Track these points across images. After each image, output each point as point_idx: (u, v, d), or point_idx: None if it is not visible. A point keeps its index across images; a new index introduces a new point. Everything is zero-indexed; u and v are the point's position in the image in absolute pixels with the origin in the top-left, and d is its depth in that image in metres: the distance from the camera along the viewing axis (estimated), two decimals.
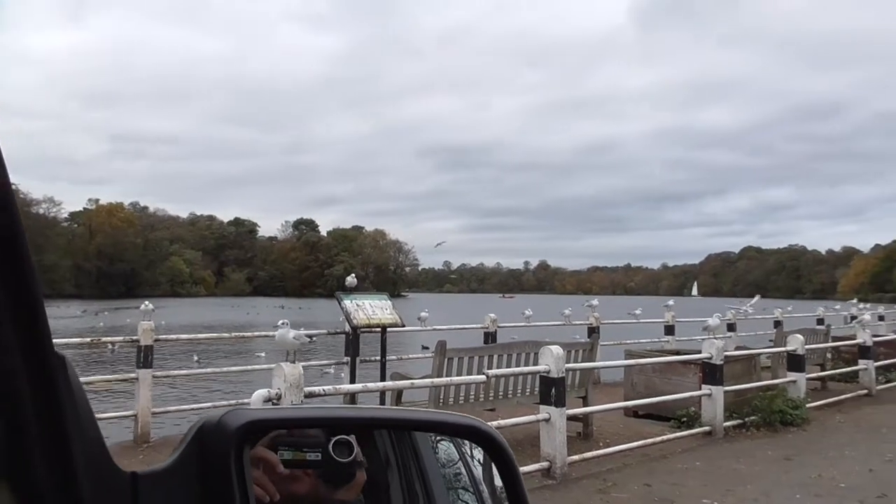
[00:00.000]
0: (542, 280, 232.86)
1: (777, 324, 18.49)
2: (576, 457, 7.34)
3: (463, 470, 1.16)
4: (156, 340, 9.02)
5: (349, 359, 10.11)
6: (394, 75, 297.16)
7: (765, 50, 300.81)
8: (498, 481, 1.05)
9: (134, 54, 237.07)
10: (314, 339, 10.09)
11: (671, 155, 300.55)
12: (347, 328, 10.13)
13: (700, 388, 9.27)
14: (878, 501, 6.42)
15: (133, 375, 8.90)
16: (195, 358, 19.19)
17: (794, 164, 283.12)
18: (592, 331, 13.99)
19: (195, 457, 0.87)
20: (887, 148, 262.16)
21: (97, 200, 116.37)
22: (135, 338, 8.89)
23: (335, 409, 1.07)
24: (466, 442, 1.14)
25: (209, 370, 11.12)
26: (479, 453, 1.10)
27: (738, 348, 12.66)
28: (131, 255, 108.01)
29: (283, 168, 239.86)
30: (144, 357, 8.69)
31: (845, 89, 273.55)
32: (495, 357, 8.24)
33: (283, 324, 8.72)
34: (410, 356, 12.49)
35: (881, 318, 24.81)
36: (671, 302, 17.50)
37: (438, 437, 1.18)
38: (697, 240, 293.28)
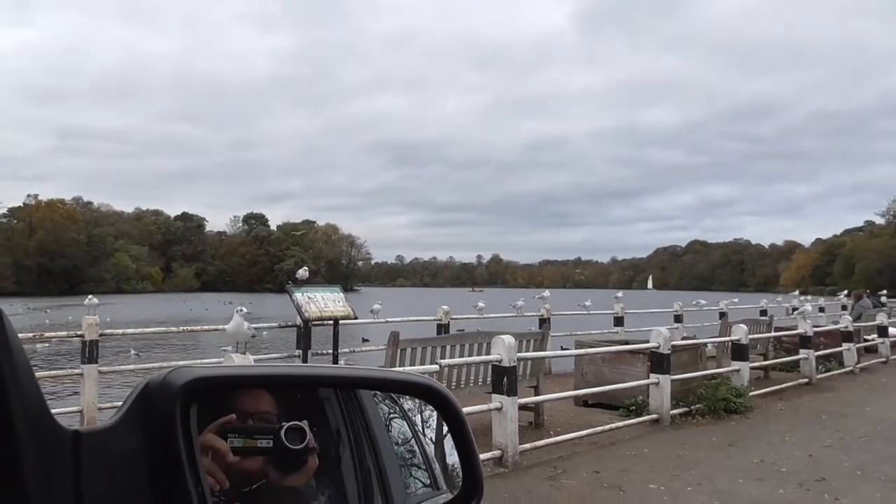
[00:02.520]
0: (495, 274, 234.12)
1: (722, 315, 18.98)
2: (527, 445, 7.43)
3: (412, 433, 1.17)
4: (101, 335, 8.79)
5: (301, 352, 10.03)
6: (342, 75, 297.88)
7: (699, 54, 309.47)
8: (449, 442, 1.07)
9: (82, 52, 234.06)
10: (260, 333, 9.99)
11: (614, 153, 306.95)
12: (299, 321, 10.04)
13: (648, 378, 9.47)
14: (817, 485, 6.66)
15: (78, 371, 8.67)
16: (132, 352, 18.74)
17: (732, 163, 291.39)
18: (543, 322, 14.16)
19: (139, 415, 0.85)
20: (818, 148, 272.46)
21: (36, 196, 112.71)
22: (79, 332, 8.65)
23: (283, 368, 1.07)
24: (415, 404, 1.15)
25: (158, 364, 10.88)
26: (429, 414, 1.12)
27: (684, 338, 12.96)
28: (74, 251, 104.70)
29: (232, 164, 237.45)
30: (89, 352, 8.46)
31: (777, 92, 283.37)
32: (448, 347, 8.28)
33: (240, 311, 8.60)
34: (363, 348, 12.45)
35: (821, 309, 25.67)
36: (620, 294, 17.81)
37: (387, 400, 1.19)
38: (644, 234, 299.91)
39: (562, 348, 10.26)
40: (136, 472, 0.83)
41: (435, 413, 1.13)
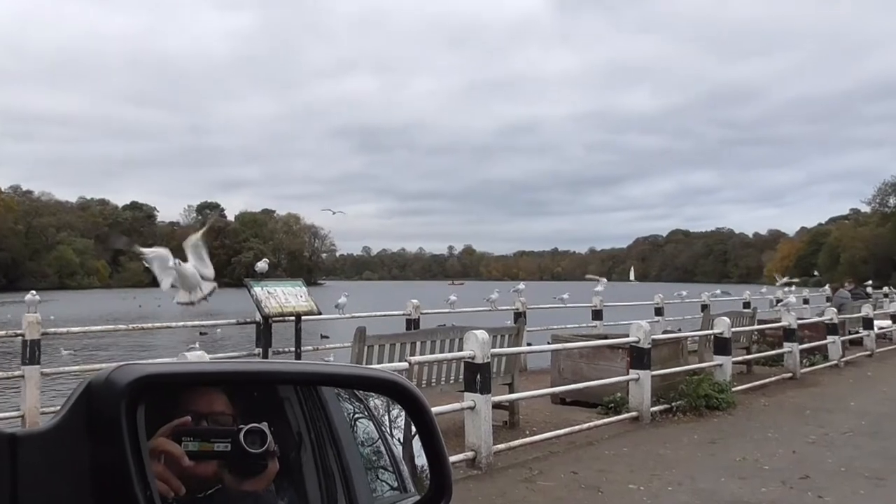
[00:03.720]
0: (468, 266, 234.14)
1: (704, 307, 19.25)
2: (502, 446, 7.48)
3: (378, 433, 1.17)
4: (43, 334, 8.63)
5: (260, 350, 9.97)
6: (305, 55, 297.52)
7: (679, 36, 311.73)
8: (417, 442, 1.07)
9: (28, 31, 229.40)
10: (214, 330, 9.87)
11: (593, 138, 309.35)
12: (258, 317, 9.99)
13: (627, 374, 9.58)
14: (800, 482, 6.81)
15: (18, 373, 8.50)
16: (63, 352, 18.36)
17: (713, 149, 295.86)
18: (519, 316, 14.24)
19: (81, 417, 0.84)
20: (800, 134, 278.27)
21: None
22: (20, 332, 8.48)
23: (239, 364, 1.06)
24: (382, 402, 1.15)
25: (105, 365, 10.72)
26: (396, 413, 1.12)
27: (665, 332, 13.12)
28: (11, 243, 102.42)
29: (187, 150, 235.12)
30: (31, 352, 8.31)
31: (757, 76, 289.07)
32: (418, 344, 8.29)
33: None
34: (328, 346, 12.43)
35: (806, 301, 26.15)
36: (600, 287, 17.92)
37: (352, 399, 1.19)
38: (623, 224, 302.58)
39: (527, 343, 10.33)
40: (77, 477, 0.82)
41: (403, 412, 1.13)
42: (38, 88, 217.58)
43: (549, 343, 11.46)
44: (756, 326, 14.76)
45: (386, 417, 1.18)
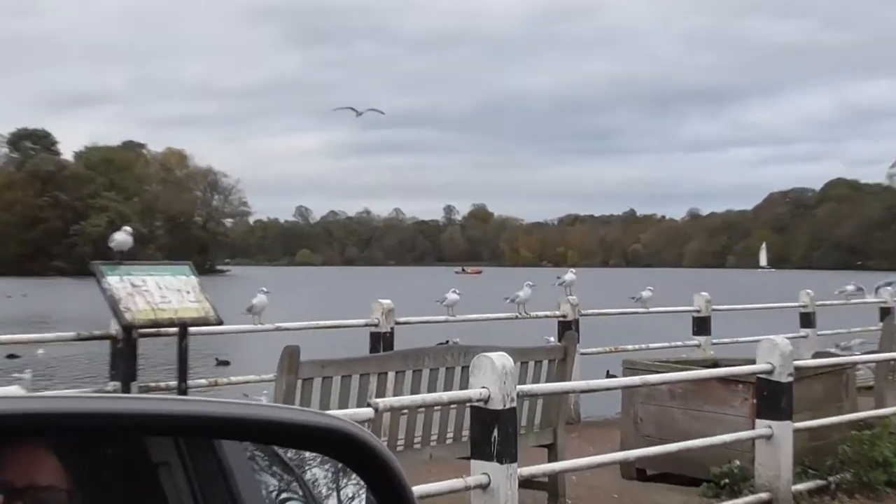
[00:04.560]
0: (479, 241, 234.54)
1: (885, 313, 19.24)
2: None
3: None
4: None
5: (118, 384, 10.01)
6: None
7: None
8: None
9: None
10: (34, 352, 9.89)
11: (689, 25, 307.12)
12: (114, 328, 10.03)
13: (752, 426, 9.63)
14: None
15: None
16: None
17: None
18: (567, 328, 14.29)
19: None
20: None
21: None
22: None
23: (81, 401, 1.06)
24: (326, 468, 1.15)
25: None
26: (352, 490, 1.12)
27: (817, 355, 13.15)
28: None
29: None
30: None
31: None
32: (391, 375, 8.32)
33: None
34: (233, 380, 12.48)
35: None
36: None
37: (275, 463, 1.19)
38: (746, 170, 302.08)
39: (580, 375, 10.36)
40: None
41: (362, 487, 1.13)
42: None
43: (610, 375, 11.49)
44: None
45: (333, 497, 1.18)
